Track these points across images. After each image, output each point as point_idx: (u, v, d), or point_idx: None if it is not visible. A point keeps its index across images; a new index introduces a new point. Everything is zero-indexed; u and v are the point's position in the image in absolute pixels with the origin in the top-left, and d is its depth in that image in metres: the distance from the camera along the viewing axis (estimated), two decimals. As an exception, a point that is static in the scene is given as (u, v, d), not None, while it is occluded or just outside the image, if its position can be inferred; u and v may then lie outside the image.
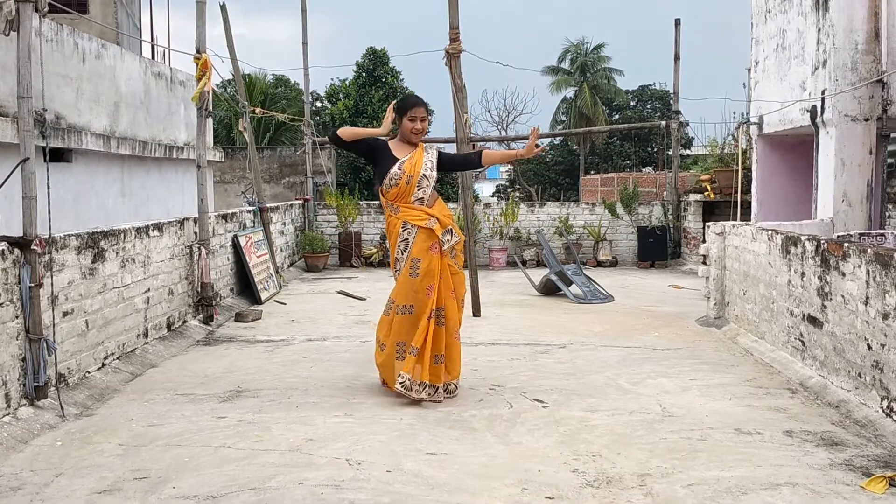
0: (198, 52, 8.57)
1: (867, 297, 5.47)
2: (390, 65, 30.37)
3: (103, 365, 6.52)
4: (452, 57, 9.23)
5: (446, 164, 6.25)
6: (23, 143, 5.32)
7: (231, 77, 12.23)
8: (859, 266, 5.61)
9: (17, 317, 5.25)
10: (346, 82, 31.32)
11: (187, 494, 4.16)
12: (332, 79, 34.25)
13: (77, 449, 4.86)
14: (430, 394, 5.78)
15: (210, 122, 13.95)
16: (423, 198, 5.93)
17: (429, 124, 6.11)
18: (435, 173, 6.00)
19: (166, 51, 14.92)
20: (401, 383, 5.71)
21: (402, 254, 5.91)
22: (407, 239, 5.90)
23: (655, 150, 39.01)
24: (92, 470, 4.51)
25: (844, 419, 5.45)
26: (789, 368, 6.68)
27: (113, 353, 6.73)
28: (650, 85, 42.97)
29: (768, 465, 4.58)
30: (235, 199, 20.77)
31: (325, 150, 18.42)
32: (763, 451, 4.83)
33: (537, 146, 6.22)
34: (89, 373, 6.26)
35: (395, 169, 5.88)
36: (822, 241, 6.30)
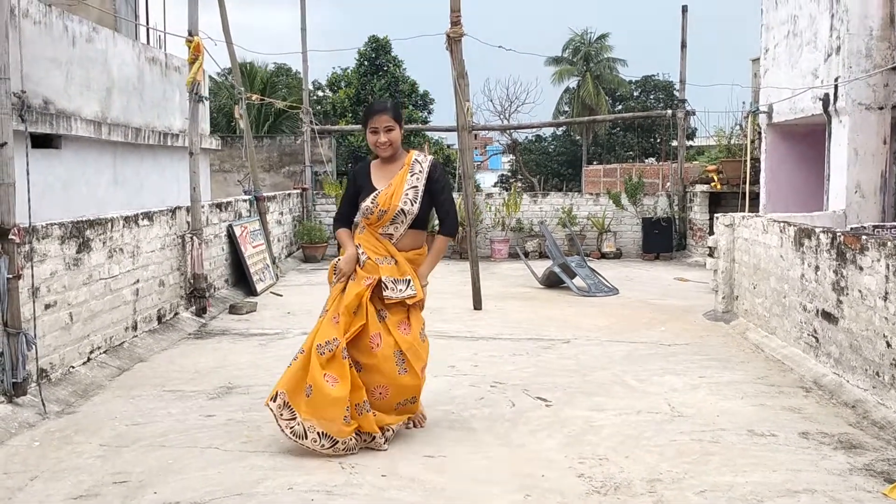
0: (190, 34, 8.30)
1: (887, 293, 5.21)
2: (392, 53, 30.08)
3: (89, 359, 6.27)
4: (454, 41, 8.98)
5: (431, 190, 4.87)
6: (0, 126, 5.06)
7: (230, 65, 11.95)
8: (878, 260, 5.35)
9: (-7, 310, 5.00)
10: (348, 71, 31.03)
11: (169, 501, 3.92)
12: (333, 67, 34.00)
13: (55, 450, 4.62)
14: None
15: (206, 108, 13.69)
16: (392, 234, 4.80)
17: (401, 131, 4.87)
18: (416, 206, 4.76)
19: (161, 36, 14.61)
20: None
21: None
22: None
23: (658, 140, 38.74)
24: (69, 473, 4.27)
25: (862, 420, 5.20)
26: (802, 365, 6.43)
27: (99, 347, 6.48)
28: (654, 75, 42.65)
29: (784, 469, 4.35)
30: (235, 188, 20.48)
31: (325, 138, 18.15)
32: (778, 454, 4.59)
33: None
34: (73, 368, 6.01)
35: (367, 202, 4.77)
36: (837, 234, 6.04)
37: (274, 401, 4.57)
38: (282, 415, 4.53)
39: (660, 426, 5.09)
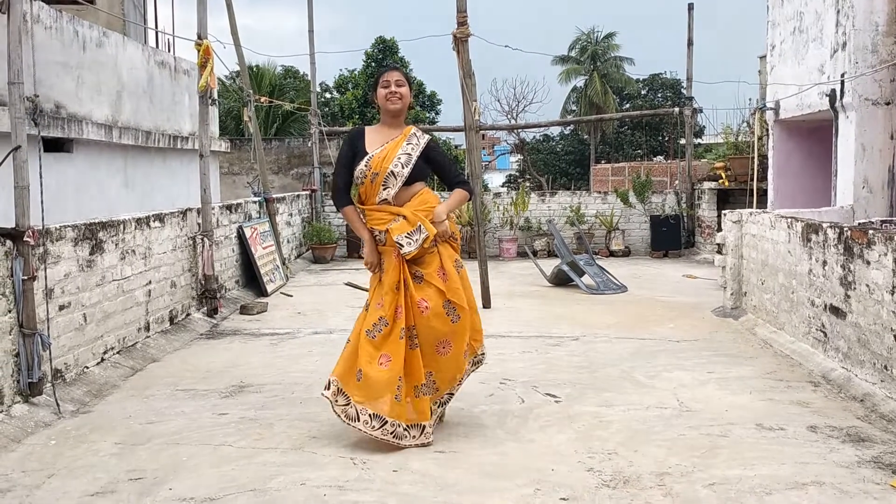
0: (199, 37, 8.37)
1: (894, 287, 5.24)
2: (399, 54, 30.18)
3: (102, 360, 6.34)
4: (460, 41, 9.02)
5: (431, 162, 5.01)
6: (14, 130, 5.13)
7: (238, 68, 12.04)
8: (885, 254, 5.38)
9: (9, 311, 5.08)
10: (356, 72, 31.13)
11: (183, 497, 3.98)
12: (340, 69, 34.11)
13: (71, 448, 4.69)
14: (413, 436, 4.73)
15: (215, 111, 13.77)
16: (386, 199, 4.84)
17: (411, 91, 5.10)
18: (408, 170, 4.83)
19: (169, 39, 14.70)
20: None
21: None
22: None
23: (666, 138, 38.70)
24: (85, 470, 4.34)
25: (870, 413, 5.22)
26: (810, 360, 6.45)
27: (112, 348, 6.55)
28: (661, 73, 42.55)
29: (793, 462, 4.38)
30: (244, 190, 20.58)
31: (333, 140, 18.21)
32: (787, 447, 4.62)
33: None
34: (87, 368, 6.08)
35: (361, 165, 4.85)
36: (844, 229, 6.06)
37: (328, 389, 4.74)
38: (337, 401, 4.70)
39: (668, 421, 5.12)
